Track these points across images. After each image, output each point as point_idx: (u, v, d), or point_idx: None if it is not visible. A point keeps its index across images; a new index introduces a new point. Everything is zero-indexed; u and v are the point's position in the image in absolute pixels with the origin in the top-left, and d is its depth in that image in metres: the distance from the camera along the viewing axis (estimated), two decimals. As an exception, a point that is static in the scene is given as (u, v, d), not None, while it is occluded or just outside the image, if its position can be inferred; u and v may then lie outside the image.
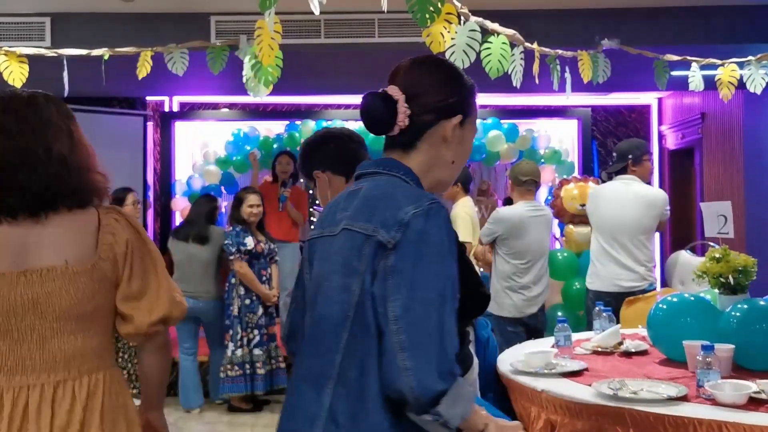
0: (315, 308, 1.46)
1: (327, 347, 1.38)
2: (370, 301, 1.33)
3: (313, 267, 1.50)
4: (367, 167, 1.53)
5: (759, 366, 2.41)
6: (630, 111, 8.00)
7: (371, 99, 1.48)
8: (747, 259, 2.64)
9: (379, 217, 1.37)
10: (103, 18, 4.74)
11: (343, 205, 1.48)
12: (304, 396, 1.40)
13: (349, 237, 1.41)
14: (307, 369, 1.43)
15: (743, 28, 4.84)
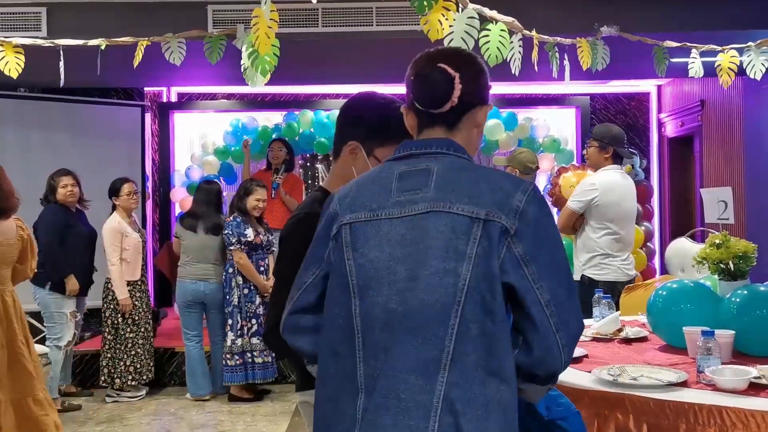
0: (391, 295, 1.36)
1: (434, 333, 1.32)
2: (486, 283, 1.33)
3: (362, 252, 1.41)
4: (427, 146, 1.48)
5: (759, 351, 2.41)
6: (629, 99, 7.98)
7: (431, 70, 1.46)
8: (747, 245, 2.64)
9: (488, 200, 1.37)
10: (100, 7, 4.71)
11: (402, 185, 1.42)
12: (411, 388, 1.32)
13: (447, 219, 1.36)
14: (412, 359, 1.33)
15: (743, 15, 4.82)
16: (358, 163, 1.90)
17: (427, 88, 1.47)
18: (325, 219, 1.50)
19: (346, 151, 1.91)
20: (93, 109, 6.94)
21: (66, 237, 5.09)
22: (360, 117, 1.92)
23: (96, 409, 5.19)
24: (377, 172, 1.49)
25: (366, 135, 1.89)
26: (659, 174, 7.89)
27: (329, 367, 1.43)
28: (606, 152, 4.10)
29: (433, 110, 1.47)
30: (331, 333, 1.43)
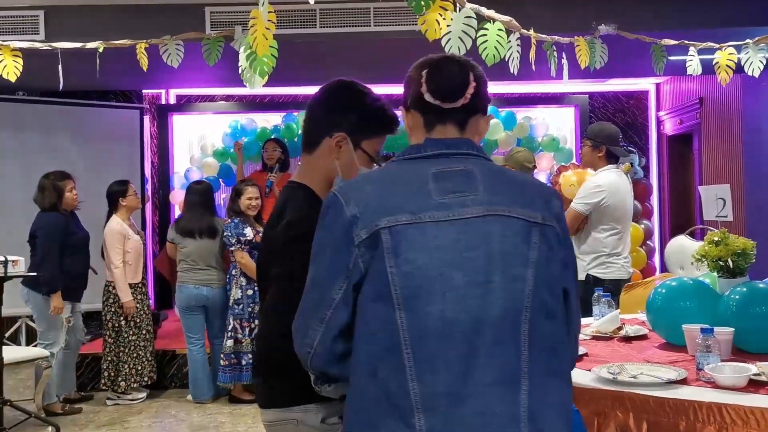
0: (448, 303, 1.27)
1: (512, 342, 1.28)
2: (545, 287, 1.34)
3: (407, 259, 1.28)
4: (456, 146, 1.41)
5: (758, 349, 2.41)
6: (628, 97, 7.98)
7: (447, 63, 1.44)
8: (746, 242, 2.64)
9: (539, 205, 1.38)
10: (97, 10, 4.72)
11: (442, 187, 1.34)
12: (502, 401, 1.26)
13: (508, 224, 1.32)
14: (497, 370, 1.27)
15: (741, 12, 4.82)
16: (343, 156, 1.76)
17: (443, 79, 1.41)
18: (340, 223, 1.33)
19: (330, 143, 1.76)
20: (92, 111, 6.94)
21: (67, 244, 5.05)
22: (348, 106, 1.78)
23: (97, 412, 5.19)
24: (401, 171, 1.38)
25: (356, 126, 1.76)
26: (658, 172, 7.90)
27: (366, 389, 1.28)
28: (599, 151, 4.09)
29: (448, 104, 1.40)
30: (367, 350, 1.29)
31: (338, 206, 1.35)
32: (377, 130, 1.79)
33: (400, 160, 1.41)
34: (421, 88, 1.42)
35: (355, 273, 1.31)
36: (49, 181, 5.08)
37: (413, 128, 1.47)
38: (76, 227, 5.20)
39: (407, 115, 1.49)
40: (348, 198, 1.35)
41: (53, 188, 5.05)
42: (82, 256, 5.21)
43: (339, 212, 1.34)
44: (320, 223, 1.38)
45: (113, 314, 5.26)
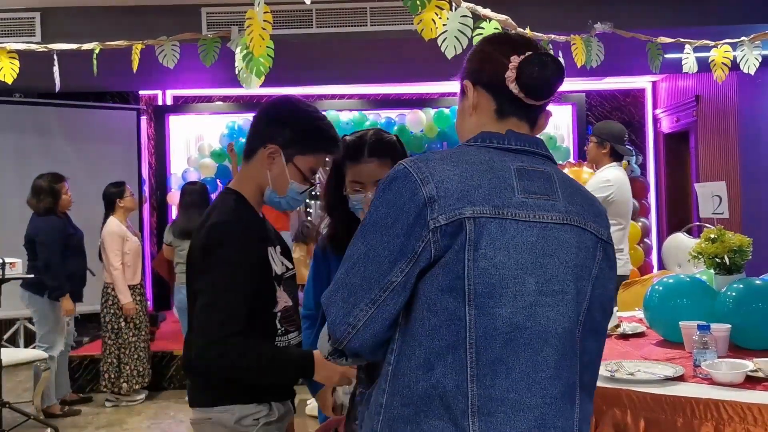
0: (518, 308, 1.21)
1: (573, 356, 1.27)
2: (599, 304, 1.32)
3: (485, 254, 1.20)
4: (537, 145, 1.32)
5: (755, 345, 2.41)
6: (625, 95, 7.99)
7: (546, 58, 1.30)
8: (742, 238, 2.64)
9: (603, 221, 1.34)
10: (93, 11, 4.72)
11: (524, 186, 1.25)
12: (561, 415, 1.24)
13: (581, 236, 1.28)
14: (564, 383, 1.25)
15: (736, 9, 4.83)
16: (275, 168, 1.83)
17: (539, 78, 1.28)
18: (414, 202, 1.20)
19: (264, 154, 1.82)
20: (89, 113, 6.94)
21: (67, 247, 5.04)
22: (286, 121, 1.83)
23: (96, 414, 5.19)
24: (481, 158, 1.26)
25: (290, 140, 1.81)
26: (655, 170, 7.91)
27: (417, 383, 1.21)
28: (603, 148, 4.13)
29: (531, 100, 1.30)
30: (427, 344, 1.20)
31: (411, 183, 1.22)
32: (313, 147, 1.85)
33: (479, 146, 1.29)
34: (506, 74, 1.29)
35: (422, 258, 1.20)
36: (45, 184, 5.04)
37: (478, 108, 1.34)
38: (72, 228, 5.21)
39: (472, 89, 1.35)
40: (424, 175, 1.22)
41: (50, 191, 5.02)
42: (80, 256, 5.21)
43: (412, 190, 1.21)
44: (382, 196, 1.24)
45: (113, 316, 5.26)
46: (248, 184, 1.86)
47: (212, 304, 1.69)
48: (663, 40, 4.37)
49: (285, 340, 1.85)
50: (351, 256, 1.24)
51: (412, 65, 5.85)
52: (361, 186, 2.01)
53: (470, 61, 1.38)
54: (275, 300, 1.82)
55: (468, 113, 1.36)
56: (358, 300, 1.22)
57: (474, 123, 1.35)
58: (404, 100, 7.71)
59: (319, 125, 1.84)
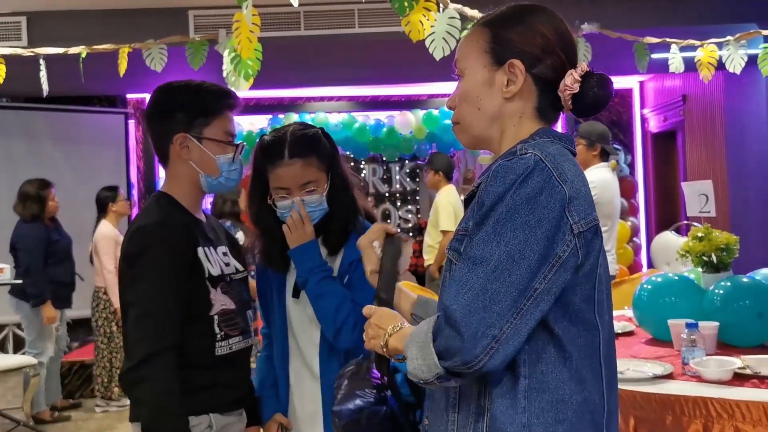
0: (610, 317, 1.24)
1: None
2: None
3: (602, 262, 1.20)
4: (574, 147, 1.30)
5: (743, 342, 2.44)
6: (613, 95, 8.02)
7: (607, 82, 1.26)
8: (729, 236, 2.66)
9: None
10: (80, 15, 4.69)
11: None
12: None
13: None
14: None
15: (721, 9, 4.86)
16: (193, 154, 1.75)
17: (604, 94, 1.23)
18: (556, 199, 1.10)
19: (176, 149, 1.74)
20: (76, 117, 6.91)
21: (50, 253, 5.00)
22: (172, 106, 1.75)
23: (86, 420, 5.16)
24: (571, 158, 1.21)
25: (188, 120, 1.73)
26: (644, 169, 7.94)
27: (571, 398, 1.13)
28: (594, 149, 4.16)
29: (584, 116, 1.27)
30: (576, 354, 1.14)
31: (551, 178, 1.11)
32: (212, 111, 1.76)
33: (562, 147, 1.21)
34: (567, 83, 1.20)
35: (568, 265, 1.10)
36: (32, 190, 4.99)
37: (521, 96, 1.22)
38: (58, 234, 5.16)
39: (523, 73, 1.21)
40: (562, 172, 1.12)
41: (36, 198, 4.98)
42: (67, 261, 5.17)
43: (552, 185, 1.10)
44: (519, 190, 1.10)
45: (104, 320, 5.23)
46: (178, 185, 1.79)
47: (144, 315, 1.64)
48: (649, 40, 4.39)
49: (225, 345, 1.75)
50: (488, 257, 1.08)
51: (400, 67, 5.85)
52: (287, 192, 1.81)
53: (525, 38, 1.22)
54: (209, 303, 1.73)
55: (504, 94, 1.22)
56: (504, 309, 1.07)
57: (513, 110, 1.23)
58: (393, 102, 7.71)
59: (201, 88, 1.77)
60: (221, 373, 1.75)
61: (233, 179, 1.81)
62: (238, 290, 1.83)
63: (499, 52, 1.22)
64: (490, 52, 1.23)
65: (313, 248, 1.81)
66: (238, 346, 1.79)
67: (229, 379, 1.76)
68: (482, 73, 1.23)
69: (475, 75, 1.24)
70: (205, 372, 1.72)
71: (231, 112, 1.80)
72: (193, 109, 1.74)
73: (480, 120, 1.25)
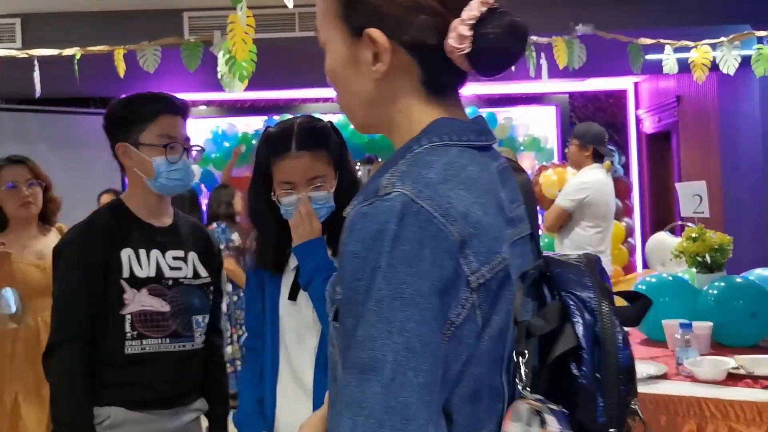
0: None
1: None
2: None
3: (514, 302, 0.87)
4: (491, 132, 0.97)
5: (737, 342, 2.45)
6: (607, 96, 8.04)
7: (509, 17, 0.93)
8: (723, 237, 2.67)
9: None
10: (74, 17, 4.69)
11: (506, 195, 0.92)
12: None
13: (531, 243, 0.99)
14: None
15: (715, 10, 4.88)
16: (133, 160, 1.86)
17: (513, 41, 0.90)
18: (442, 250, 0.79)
19: (122, 159, 1.88)
20: (71, 119, 6.90)
21: None
22: (109, 119, 1.89)
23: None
24: (479, 168, 0.88)
25: (124, 130, 1.85)
26: (638, 170, 7.97)
27: None
28: (586, 150, 4.18)
29: (492, 75, 0.93)
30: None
31: (429, 221, 0.80)
32: (144, 117, 1.85)
33: (462, 147, 0.89)
34: (450, 42, 0.87)
35: (466, 332, 0.81)
36: None
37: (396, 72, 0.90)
38: None
39: (386, 43, 0.89)
40: (444, 210, 0.81)
41: None
42: None
43: (435, 231, 0.80)
44: (393, 251, 0.78)
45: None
46: (133, 191, 1.92)
47: (54, 308, 1.80)
48: (644, 41, 4.40)
49: (137, 345, 1.81)
50: (380, 359, 0.76)
51: (395, 68, 5.85)
52: (292, 186, 1.71)
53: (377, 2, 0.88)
54: (121, 302, 1.80)
55: (371, 72, 0.91)
56: (422, 424, 0.76)
57: (391, 92, 0.92)
58: (388, 103, 7.73)
59: (136, 98, 1.90)
60: (131, 371, 1.80)
61: (177, 179, 1.88)
62: (184, 295, 1.88)
63: (354, 18, 0.90)
64: (345, 19, 0.91)
65: (321, 246, 1.71)
66: (154, 347, 1.83)
67: (140, 379, 1.81)
68: (342, 48, 0.93)
69: (336, 51, 0.94)
70: (115, 368, 1.80)
71: (169, 115, 1.90)
72: (127, 119, 1.86)
73: (356, 106, 0.96)
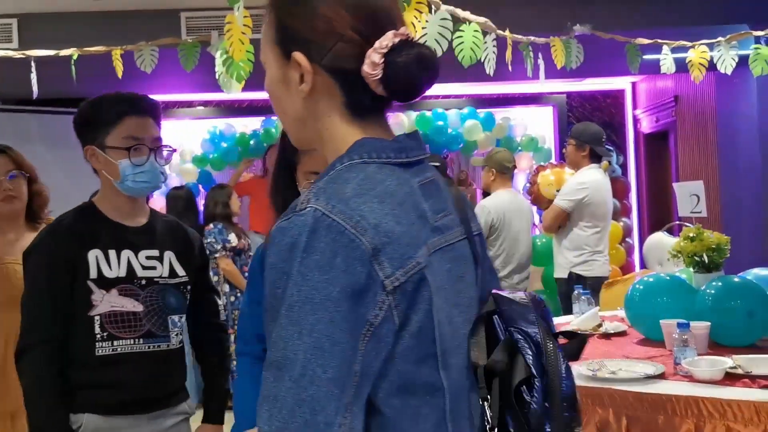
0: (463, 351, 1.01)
1: None
2: None
3: (438, 303, 0.95)
4: (423, 148, 1.05)
5: (734, 342, 2.45)
6: (605, 96, 8.05)
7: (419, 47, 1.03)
8: (720, 237, 2.68)
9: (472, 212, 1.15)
10: (71, 17, 4.69)
11: (432, 206, 1.01)
12: None
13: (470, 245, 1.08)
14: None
15: (713, 10, 4.89)
16: (100, 163, 1.88)
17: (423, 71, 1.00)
18: (354, 258, 0.88)
19: (91, 161, 1.90)
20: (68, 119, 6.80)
21: None
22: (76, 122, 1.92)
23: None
24: (397, 182, 0.97)
25: (90, 133, 1.87)
26: (636, 170, 7.97)
27: None
28: (583, 150, 4.18)
29: (404, 100, 1.02)
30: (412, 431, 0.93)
31: (341, 233, 0.89)
32: (108, 120, 1.86)
33: (380, 164, 0.98)
34: (365, 69, 0.97)
35: (384, 331, 0.89)
36: None
37: (320, 93, 1.01)
38: None
39: (308, 65, 0.99)
40: (356, 222, 0.89)
41: None
42: None
43: (347, 241, 0.88)
44: (306, 260, 0.88)
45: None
46: (103, 193, 1.94)
47: (22, 312, 1.80)
48: (641, 41, 4.41)
49: (108, 346, 1.80)
50: (292, 358, 0.86)
51: (393, 68, 5.85)
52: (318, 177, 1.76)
53: (306, 24, 0.99)
54: (89, 303, 1.80)
55: (298, 92, 1.01)
56: (330, 416, 0.85)
57: (317, 111, 1.02)
58: (386, 104, 7.72)
59: (101, 100, 1.89)
60: (103, 373, 1.78)
61: (143, 181, 1.87)
62: (159, 294, 1.87)
63: (284, 42, 1.02)
64: (279, 44, 1.03)
65: None
66: (130, 348, 1.82)
67: (112, 380, 1.79)
68: (276, 69, 1.04)
69: (271, 71, 1.05)
70: (86, 370, 1.79)
71: (135, 116, 1.88)
72: (93, 122, 1.87)
73: (289, 123, 1.07)
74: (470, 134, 7.22)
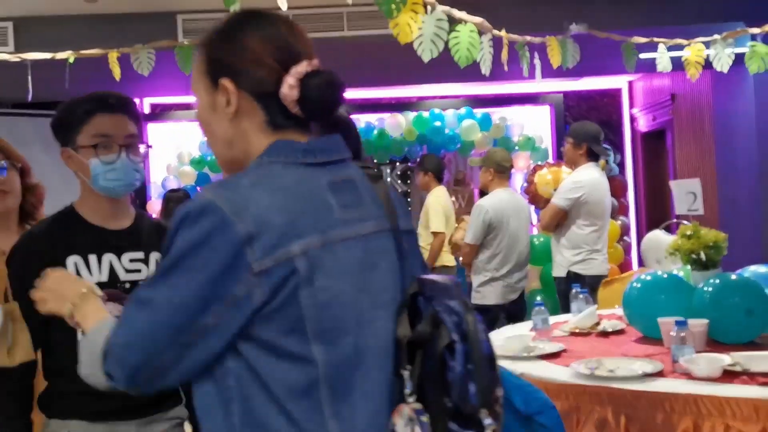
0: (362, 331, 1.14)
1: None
2: None
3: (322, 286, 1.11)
4: (335, 149, 1.21)
5: (732, 339, 2.45)
6: (602, 95, 8.06)
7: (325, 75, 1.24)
8: (717, 234, 2.68)
9: (402, 208, 1.29)
10: (67, 20, 4.68)
11: (340, 201, 1.16)
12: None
13: (392, 238, 1.23)
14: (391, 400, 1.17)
15: (709, 8, 4.89)
16: (75, 164, 1.85)
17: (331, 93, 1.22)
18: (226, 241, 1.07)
19: (67, 164, 1.87)
20: (65, 122, 6.88)
21: None
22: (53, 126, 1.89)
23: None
24: (298, 180, 1.14)
25: (65, 133, 1.85)
26: (633, 168, 7.98)
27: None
28: (580, 149, 4.19)
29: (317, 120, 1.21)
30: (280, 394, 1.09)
31: (221, 218, 1.07)
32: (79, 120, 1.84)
33: (285, 163, 1.15)
34: (283, 91, 1.17)
35: (246, 304, 1.07)
36: None
37: (244, 114, 1.19)
38: None
39: (234, 91, 1.18)
40: (238, 210, 1.08)
41: None
42: None
43: (223, 227, 1.07)
44: (185, 233, 1.09)
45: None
46: (83, 196, 1.90)
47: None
48: (637, 39, 4.41)
49: None
50: (151, 299, 1.10)
51: (389, 69, 5.86)
52: None
53: (232, 55, 1.20)
54: None
55: (225, 114, 1.19)
56: (162, 347, 1.09)
57: (242, 130, 1.19)
58: (383, 104, 7.72)
59: (69, 101, 1.87)
60: None
61: (114, 179, 1.82)
62: None
63: (213, 73, 1.21)
64: (207, 74, 1.21)
65: None
66: None
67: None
68: (205, 97, 1.22)
69: (201, 100, 1.23)
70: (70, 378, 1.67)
71: (104, 114, 1.84)
72: (65, 123, 1.85)
73: (218, 146, 1.23)
74: (467, 134, 7.23)
